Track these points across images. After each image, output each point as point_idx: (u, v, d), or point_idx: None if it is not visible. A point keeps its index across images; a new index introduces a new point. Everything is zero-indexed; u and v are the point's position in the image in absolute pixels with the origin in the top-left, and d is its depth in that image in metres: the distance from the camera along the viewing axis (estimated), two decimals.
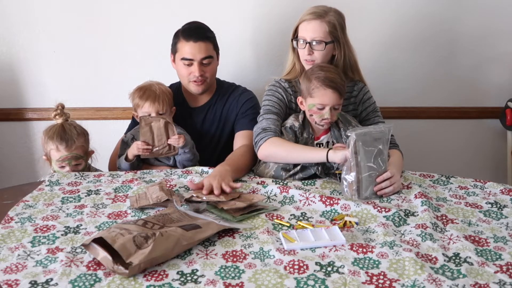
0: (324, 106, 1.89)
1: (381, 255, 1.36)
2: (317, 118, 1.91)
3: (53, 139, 1.96)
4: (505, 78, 2.73)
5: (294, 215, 1.62)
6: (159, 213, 1.54)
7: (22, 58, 2.63)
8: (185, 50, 2.13)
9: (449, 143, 2.82)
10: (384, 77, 2.66)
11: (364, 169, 1.70)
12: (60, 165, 1.99)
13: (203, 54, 2.13)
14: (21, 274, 1.28)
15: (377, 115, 2.11)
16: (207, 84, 2.20)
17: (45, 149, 2.01)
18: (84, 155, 2.03)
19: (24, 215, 1.59)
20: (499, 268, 1.31)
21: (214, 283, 1.24)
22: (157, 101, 2.06)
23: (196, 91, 2.20)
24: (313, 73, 1.91)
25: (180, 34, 2.17)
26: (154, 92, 2.07)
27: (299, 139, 1.96)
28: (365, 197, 1.71)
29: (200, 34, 2.15)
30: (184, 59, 2.14)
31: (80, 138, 2.00)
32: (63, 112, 2.03)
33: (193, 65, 2.14)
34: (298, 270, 1.29)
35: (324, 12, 2.00)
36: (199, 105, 2.28)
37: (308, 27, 2.00)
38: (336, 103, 1.90)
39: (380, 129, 1.73)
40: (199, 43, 2.13)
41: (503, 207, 1.67)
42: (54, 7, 2.56)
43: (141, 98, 2.07)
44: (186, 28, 2.18)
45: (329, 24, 1.99)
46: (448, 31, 2.64)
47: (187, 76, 2.17)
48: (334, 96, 1.88)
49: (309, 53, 1.99)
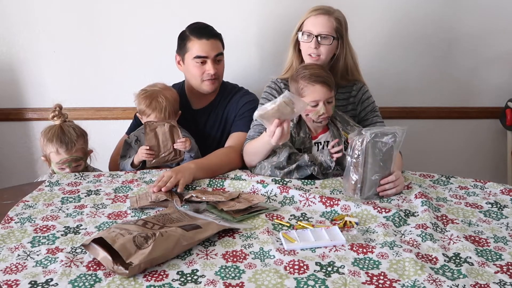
0: (317, 102, 1.89)
1: (381, 255, 1.36)
2: (314, 116, 1.91)
3: (53, 142, 1.95)
4: (505, 78, 2.73)
5: (294, 216, 1.61)
6: (159, 213, 1.54)
7: (22, 58, 2.63)
8: (198, 48, 2.13)
9: (449, 143, 2.81)
10: (384, 77, 2.66)
11: (371, 170, 1.68)
12: (60, 167, 1.99)
13: (216, 51, 2.14)
14: (21, 274, 1.28)
15: (376, 115, 2.11)
16: (218, 82, 2.22)
17: (44, 151, 2.00)
18: (83, 156, 2.03)
19: (24, 215, 1.59)
20: (499, 268, 1.31)
21: (214, 283, 1.24)
22: (163, 112, 2.05)
23: (210, 89, 2.20)
24: (298, 74, 1.93)
25: (189, 33, 2.16)
26: (160, 104, 2.05)
27: (295, 138, 1.96)
28: (367, 197, 1.70)
29: (211, 31, 2.18)
30: (198, 57, 2.13)
31: (80, 140, 1.99)
32: (61, 113, 2.01)
33: (206, 63, 2.15)
34: (298, 270, 1.29)
35: (331, 10, 2.04)
36: (202, 107, 2.28)
37: (316, 21, 2.01)
38: (328, 96, 1.90)
39: (394, 131, 1.69)
40: (212, 40, 2.15)
41: (503, 207, 1.67)
42: (54, 7, 2.56)
43: (148, 107, 2.06)
44: (195, 27, 2.18)
45: (337, 21, 2.01)
46: (448, 31, 2.64)
47: (201, 76, 2.16)
48: (324, 89, 1.88)
49: (316, 46, 1.99)
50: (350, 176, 1.71)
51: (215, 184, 1.84)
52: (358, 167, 1.68)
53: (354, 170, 1.70)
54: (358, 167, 1.68)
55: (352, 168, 1.70)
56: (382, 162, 1.69)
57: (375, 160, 1.68)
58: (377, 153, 1.68)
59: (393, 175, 1.72)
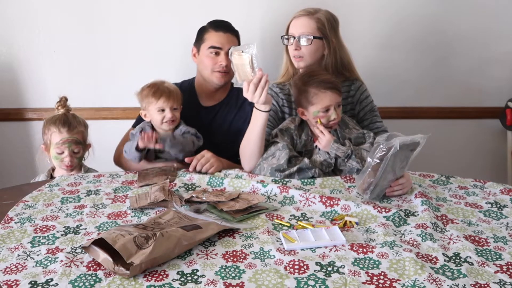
0: (329, 107, 1.90)
1: (381, 255, 1.36)
2: (325, 121, 1.92)
3: (56, 123, 2.02)
4: (505, 78, 2.73)
5: (294, 216, 1.61)
6: (158, 220, 1.50)
7: (22, 58, 2.63)
8: (214, 39, 2.21)
9: (449, 143, 2.81)
10: (384, 77, 2.66)
11: (388, 176, 1.67)
12: (60, 150, 2.00)
13: (231, 45, 2.15)
14: (21, 275, 1.28)
15: (375, 115, 2.11)
16: (229, 77, 2.25)
17: (46, 134, 2.03)
18: (83, 143, 2.05)
19: (24, 216, 1.59)
20: (499, 268, 1.31)
21: (215, 283, 1.24)
22: (171, 97, 2.07)
23: (219, 82, 2.24)
24: (306, 82, 1.92)
25: (208, 26, 2.25)
26: (167, 88, 2.08)
27: (296, 141, 1.96)
28: (373, 198, 1.70)
29: (229, 26, 2.26)
30: (212, 47, 2.20)
31: (81, 127, 2.06)
32: (66, 104, 2.09)
33: (220, 55, 2.20)
34: (298, 270, 1.29)
35: (314, 11, 2.06)
36: (210, 105, 2.29)
37: (296, 23, 2.05)
38: (338, 101, 1.92)
39: (417, 140, 1.66)
40: (228, 34, 2.22)
41: (503, 207, 1.67)
42: (54, 7, 2.56)
43: (154, 95, 2.07)
44: (215, 21, 2.27)
45: (318, 20, 2.03)
46: (448, 31, 2.64)
47: (212, 66, 2.21)
48: (335, 95, 1.90)
49: (296, 48, 2.02)
50: (365, 177, 1.69)
51: (215, 184, 1.85)
52: (376, 171, 1.66)
53: (371, 173, 1.67)
54: (377, 172, 1.65)
55: (370, 170, 1.67)
56: (399, 169, 1.68)
57: (394, 168, 1.67)
58: (398, 162, 1.67)
59: (403, 177, 1.73)
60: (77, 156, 2.04)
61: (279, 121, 2.07)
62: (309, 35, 2.01)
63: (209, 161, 1.98)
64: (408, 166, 1.72)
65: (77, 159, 2.04)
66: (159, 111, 2.06)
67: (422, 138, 1.67)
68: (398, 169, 1.68)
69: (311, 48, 2.02)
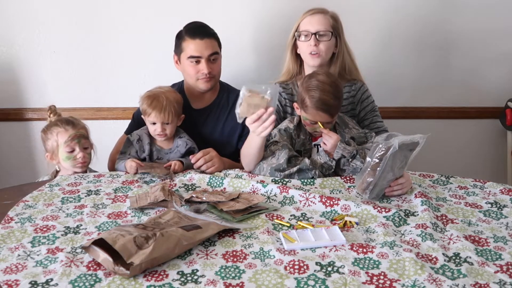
0: (317, 122, 1.89)
1: (381, 255, 1.36)
2: (310, 130, 1.93)
3: (58, 124, 2.01)
4: (505, 78, 2.73)
5: (294, 216, 1.61)
6: (158, 220, 1.51)
7: (22, 58, 2.63)
8: (192, 48, 2.14)
9: (449, 143, 2.81)
10: (384, 77, 2.66)
11: (387, 176, 1.67)
12: (70, 148, 1.98)
13: (210, 51, 2.14)
14: (21, 274, 1.28)
15: (376, 115, 2.11)
16: (215, 81, 2.22)
17: (49, 139, 2.01)
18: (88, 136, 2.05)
19: (24, 215, 1.59)
20: (499, 268, 1.31)
21: (215, 283, 1.24)
22: (163, 112, 2.04)
23: (205, 87, 2.20)
24: (310, 89, 1.88)
25: (184, 33, 2.18)
26: (161, 103, 2.05)
27: (295, 140, 1.96)
28: (373, 198, 1.71)
29: (206, 31, 2.18)
30: (191, 57, 2.14)
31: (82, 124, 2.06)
32: (56, 110, 2.09)
33: (201, 63, 2.15)
34: (298, 270, 1.29)
35: (326, 9, 2.09)
36: (201, 107, 2.27)
37: (312, 20, 2.05)
38: (328, 121, 1.90)
39: (416, 140, 1.67)
40: (206, 40, 2.15)
41: (503, 207, 1.67)
42: (54, 7, 2.56)
43: (149, 106, 2.06)
44: (190, 27, 2.19)
45: (332, 18, 2.06)
46: (448, 31, 2.64)
47: (195, 75, 2.17)
48: (326, 116, 1.88)
49: (315, 43, 2.01)
50: (364, 176, 1.69)
51: (215, 184, 1.85)
52: (375, 170, 1.66)
53: (370, 173, 1.67)
54: (376, 171, 1.66)
55: (369, 170, 1.68)
56: (398, 168, 1.69)
57: (393, 168, 1.67)
58: (397, 162, 1.67)
59: (403, 177, 1.73)
60: (88, 152, 2.03)
61: (281, 120, 2.07)
62: (328, 31, 2.03)
63: (212, 160, 1.99)
64: (408, 166, 1.72)
65: (88, 155, 2.03)
66: (151, 123, 2.07)
67: (422, 138, 1.67)
68: (397, 169, 1.68)
69: (329, 44, 2.04)
